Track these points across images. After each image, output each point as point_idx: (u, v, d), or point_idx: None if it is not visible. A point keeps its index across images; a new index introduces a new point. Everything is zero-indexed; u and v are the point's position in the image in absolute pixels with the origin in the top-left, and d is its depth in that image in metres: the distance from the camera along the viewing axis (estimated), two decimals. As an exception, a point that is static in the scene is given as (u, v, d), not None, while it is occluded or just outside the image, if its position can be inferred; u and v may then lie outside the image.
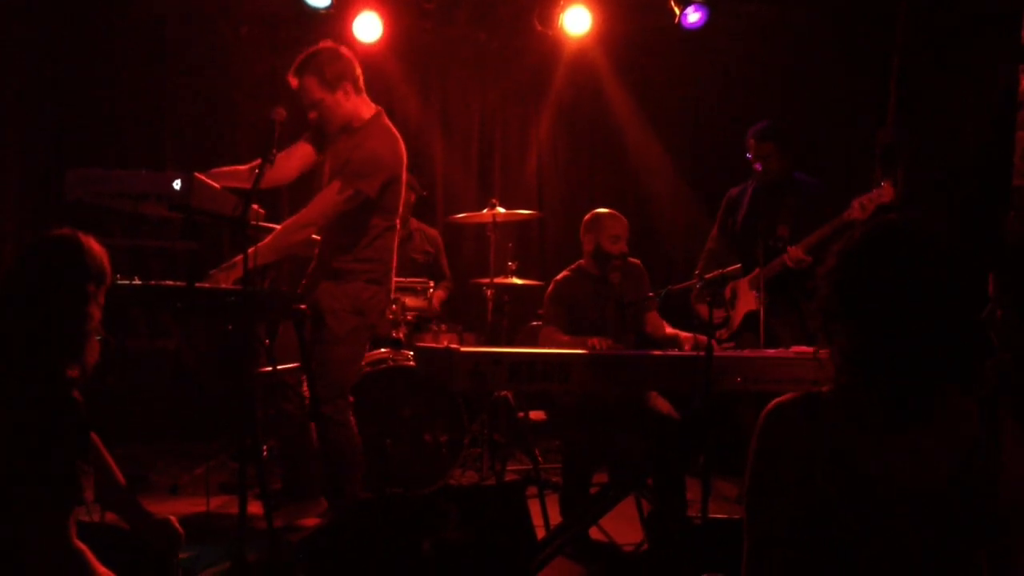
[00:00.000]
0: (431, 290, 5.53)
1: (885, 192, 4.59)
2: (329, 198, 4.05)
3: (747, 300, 4.97)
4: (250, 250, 3.28)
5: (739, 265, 4.51)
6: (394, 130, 4.25)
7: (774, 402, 1.84)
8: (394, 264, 4.31)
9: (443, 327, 5.44)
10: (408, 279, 5.55)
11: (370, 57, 6.38)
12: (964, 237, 5.24)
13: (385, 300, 4.27)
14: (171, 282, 3.67)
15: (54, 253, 2.48)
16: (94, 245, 2.50)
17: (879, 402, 1.75)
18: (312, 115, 4.16)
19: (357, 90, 4.18)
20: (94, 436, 2.64)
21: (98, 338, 2.51)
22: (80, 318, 2.46)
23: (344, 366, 4.14)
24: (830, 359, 1.84)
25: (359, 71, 4.19)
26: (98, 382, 5.07)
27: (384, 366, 4.95)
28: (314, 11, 5.95)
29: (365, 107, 4.23)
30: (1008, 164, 4.71)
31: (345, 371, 4.16)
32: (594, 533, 4.34)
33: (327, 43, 4.18)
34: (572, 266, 4.74)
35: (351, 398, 4.18)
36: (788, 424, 1.80)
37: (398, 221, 4.28)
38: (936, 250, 1.77)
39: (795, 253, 4.73)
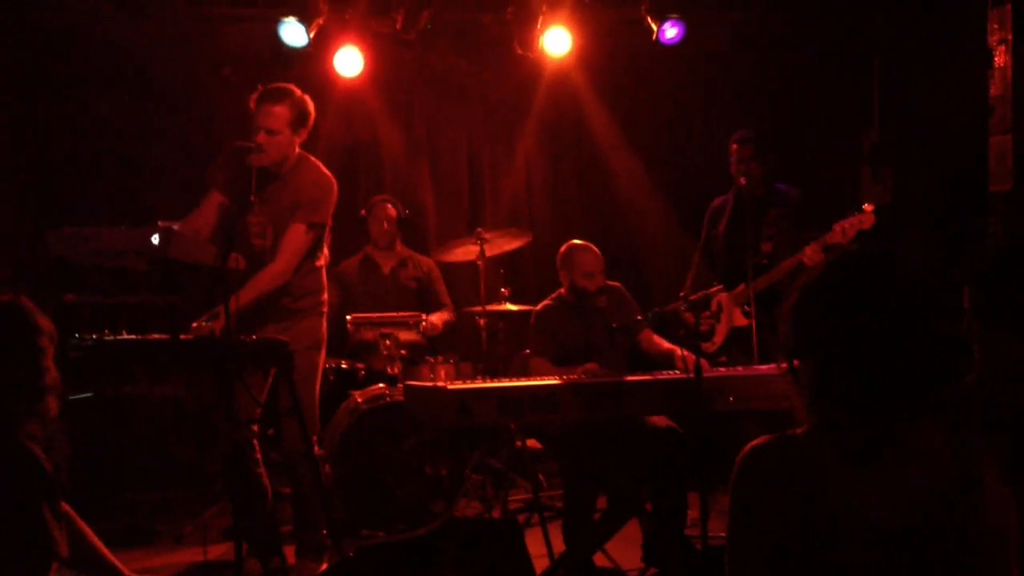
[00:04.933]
0: (423, 322, 5.52)
1: (866, 219, 4.60)
2: (299, 242, 4.16)
3: (735, 316, 4.95)
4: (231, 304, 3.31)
5: (721, 285, 4.52)
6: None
7: (748, 447, 1.80)
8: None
9: (439, 359, 5.42)
10: (400, 313, 5.55)
11: (353, 91, 6.45)
12: (953, 238, 5.24)
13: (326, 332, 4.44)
14: (156, 335, 3.68)
15: (2, 316, 2.53)
16: (36, 309, 2.56)
17: (848, 441, 1.71)
18: (262, 138, 4.16)
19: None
20: (68, 508, 2.66)
21: (56, 394, 2.55)
22: (35, 373, 2.50)
23: (314, 403, 4.28)
24: (797, 397, 1.82)
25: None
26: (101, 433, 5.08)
27: (381, 403, 4.94)
28: (294, 50, 5.96)
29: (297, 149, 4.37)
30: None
31: (315, 408, 4.31)
32: (599, 559, 4.32)
33: (302, 92, 4.29)
34: (553, 295, 4.74)
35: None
36: (763, 469, 1.76)
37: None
38: (897, 284, 1.72)
39: (789, 266, 4.71)
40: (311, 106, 4.29)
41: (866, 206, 4.62)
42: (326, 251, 4.42)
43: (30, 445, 2.40)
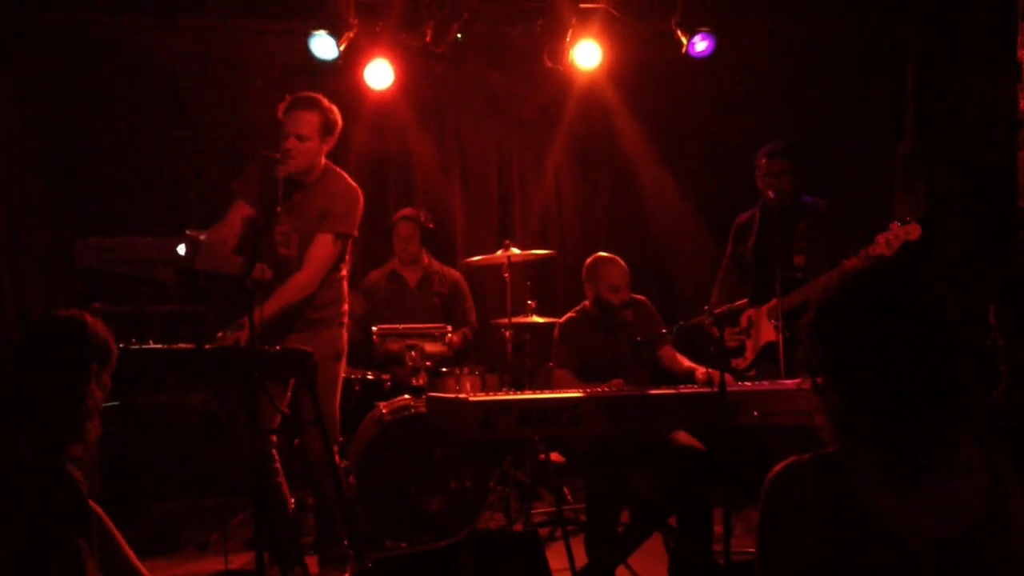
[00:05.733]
0: (449, 334, 5.53)
1: (913, 230, 4.44)
2: (326, 252, 4.21)
3: (765, 330, 4.90)
4: (256, 311, 3.34)
5: (746, 299, 4.46)
6: None
7: (780, 466, 1.77)
8: None
9: (464, 370, 5.43)
10: (426, 325, 5.56)
11: (383, 104, 6.48)
12: (984, 254, 5.17)
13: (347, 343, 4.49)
14: (182, 345, 3.70)
15: (58, 333, 2.52)
16: (99, 326, 2.54)
17: (885, 458, 1.68)
18: (290, 143, 4.20)
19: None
20: (103, 517, 2.66)
21: (99, 415, 2.54)
22: (81, 397, 2.48)
23: (334, 413, 4.32)
24: (822, 414, 1.77)
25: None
26: (128, 441, 5.12)
27: (406, 414, 4.95)
28: (325, 63, 6.00)
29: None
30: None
31: (335, 418, 4.34)
32: (621, 572, 4.29)
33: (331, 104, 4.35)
34: (578, 307, 4.72)
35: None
36: (796, 489, 1.72)
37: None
38: (917, 296, 1.69)
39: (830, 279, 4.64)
40: (338, 115, 4.35)
41: (909, 218, 4.51)
42: (348, 261, 4.45)
43: (72, 471, 2.39)
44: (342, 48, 5.76)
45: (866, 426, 1.68)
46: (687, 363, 4.60)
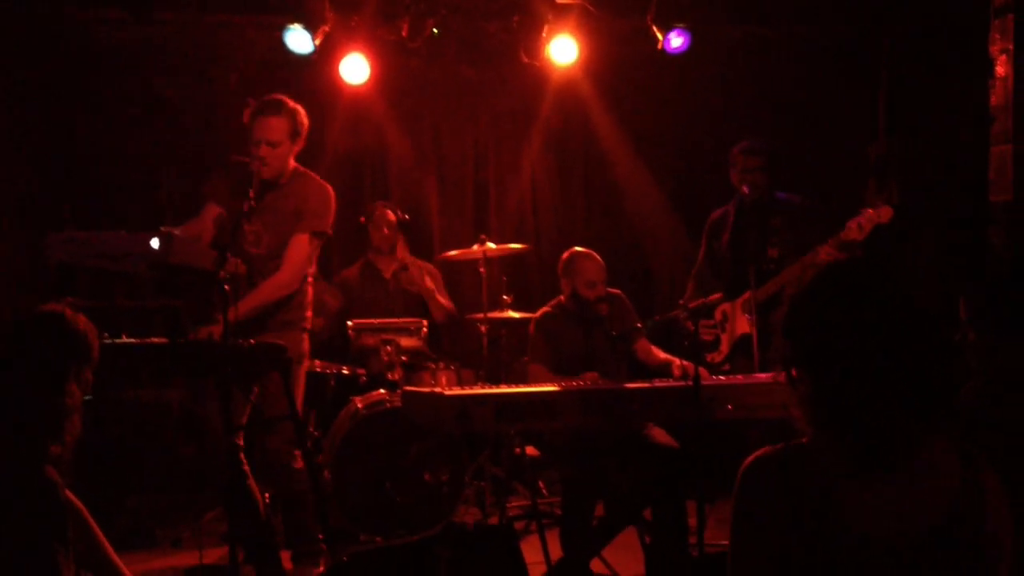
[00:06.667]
0: (424, 328, 5.53)
1: (883, 213, 4.51)
2: (303, 253, 4.20)
3: (740, 324, 4.94)
4: (230, 310, 3.34)
5: (720, 294, 4.49)
6: None
7: (752, 456, 1.78)
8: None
9: (440, 364, 5.43)
10: (401, 319, 5.56)
11: (359, 98, 6.46)
12: (957, 249, 5.22)
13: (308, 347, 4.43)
14: (156, 339, 3.69)
15: (39, 331, 2.50)
16: (80, 321, 2.52)
17: (854, 451, 1.68)
18: (262, 151, 4.19)
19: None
20: (82, 509, 2.64)
21: (78, 414, 2.51)
22: (61, 396, 2.46)
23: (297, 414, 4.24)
24: (796, 408, 1.77)
25: None
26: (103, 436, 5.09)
27: (382, 408, 4.95)
28: (301, 57, 5.98)
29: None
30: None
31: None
32: (596, 565, 4.30)
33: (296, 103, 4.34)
34: (553, 302, 4.73)
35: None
36: (767, 479, 1.73)
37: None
38: (887, 290, 1.70)
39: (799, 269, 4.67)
40: (304, 115, 4.33)
41: (880, 202, 4.55)
42: (314, 264, 4.45)
43: (51, 472, 2.38)
44: (317, 42, 5.74)
45: (834, 419, 1.70)
46: (662, 355, 4.62)
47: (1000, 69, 4.60)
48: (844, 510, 1.66)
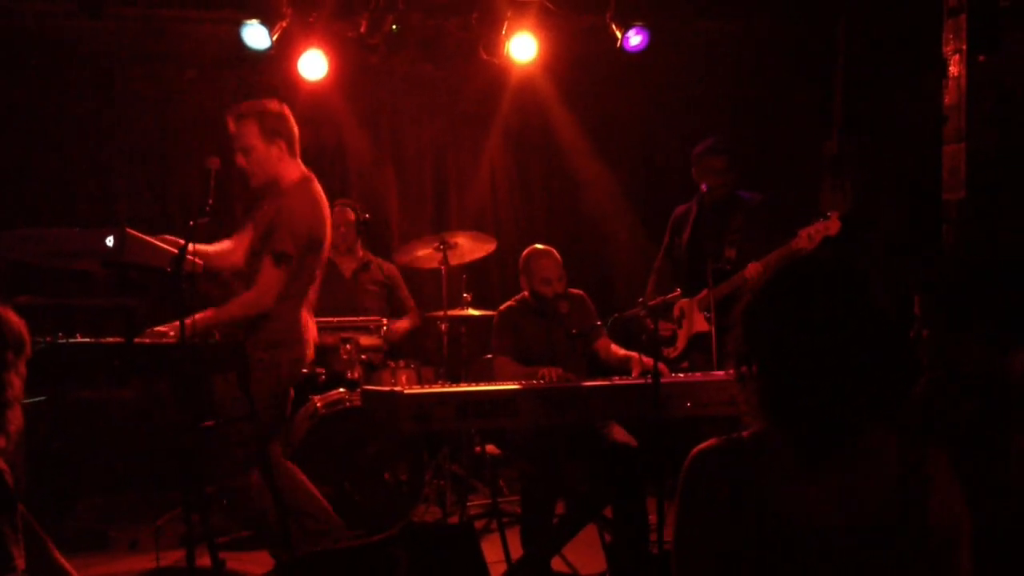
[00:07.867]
0: (384, 327, 5.50)
1: (832, 225, 4.59)
2: (268, 274, 3.99)
3: (697, 321, 4.97)
4: (188, 320, 3.29)
5: (679, 291, 4.52)
6: (321, 195, 4.22)
7: (695, 450, 1.80)
8: (306, 334, 4.22)
9: (400, 363, 5.40)
10: (361, 318, 5.53)
11: (317, 95, 6.39)
12: (911, 247, 5.30)
13: (287, 363, 4.12)
14: (111, 339, 3.63)
15: None
16: (11, 316, 2.49)
17: (796, 443, 1.71)
18: (240, 160, 4.12)
19: (291, 152, 4.18)
20: (32, 520, 2.61)
21: (19, 405, 2.49)
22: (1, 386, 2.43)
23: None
24: (744, 402, 1.80)
25: (296, 135, 4.20)
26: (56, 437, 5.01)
27: (341, 408, 4.92)
28: (258, 53, 5.91)
29: (295, 170, 4.21)
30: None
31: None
32: (557, 563, 4.31)
33: (274, 101, 4.21)
34: (517, 297, 4.73)
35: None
36: (709, 473, 1.76)
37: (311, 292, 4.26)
38: (844, 288, 1.72)
39: (755, 270, 4.70)
40: (275, 113, 4.16)
41: (831, 213, 4.64)
42: (310, 294, 4.29)
43: None
44: (275, 38, 5.68)
45: (783, 411, 1.72)
46: (622, 352, 4.63)
47: (953, 69, 4.66)
48: (786, 500, 1.69)
